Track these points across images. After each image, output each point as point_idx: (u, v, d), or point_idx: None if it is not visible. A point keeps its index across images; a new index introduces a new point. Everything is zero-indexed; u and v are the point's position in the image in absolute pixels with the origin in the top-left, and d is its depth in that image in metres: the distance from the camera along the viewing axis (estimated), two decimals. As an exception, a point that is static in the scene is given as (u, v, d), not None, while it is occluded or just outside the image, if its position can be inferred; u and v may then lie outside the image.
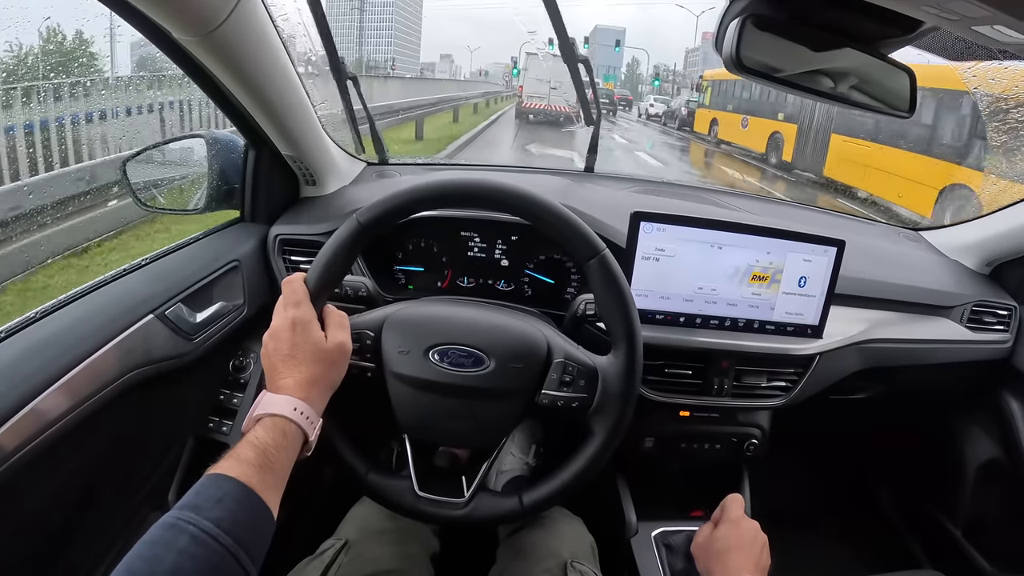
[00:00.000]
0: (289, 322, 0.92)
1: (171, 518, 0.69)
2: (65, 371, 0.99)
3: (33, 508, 0.99)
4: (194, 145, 1.51)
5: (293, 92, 1.29)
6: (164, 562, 0.64)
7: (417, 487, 1.05)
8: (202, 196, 1.47)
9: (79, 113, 5.12)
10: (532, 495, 1.05)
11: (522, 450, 1.56)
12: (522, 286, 1.48)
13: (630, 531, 1.42)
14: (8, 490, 0.88)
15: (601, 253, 0.99)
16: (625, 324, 1.00)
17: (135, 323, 1.13)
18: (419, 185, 1.01)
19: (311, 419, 0.86)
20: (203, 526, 0.68)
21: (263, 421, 0.83)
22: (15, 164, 4.08)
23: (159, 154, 1.51)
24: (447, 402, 1.02)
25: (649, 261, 1.27)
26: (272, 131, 1.36)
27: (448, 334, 1.03)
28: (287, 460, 0.83)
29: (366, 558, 1.13)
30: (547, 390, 1.02)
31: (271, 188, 1.52)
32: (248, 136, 1.42)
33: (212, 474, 0.75)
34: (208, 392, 1.40)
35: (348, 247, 1.00)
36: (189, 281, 1.27)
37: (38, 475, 0.94)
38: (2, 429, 0.87)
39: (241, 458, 0.77)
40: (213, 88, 1.23)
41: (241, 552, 0.69)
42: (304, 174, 1.54)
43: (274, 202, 1.54)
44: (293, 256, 1.46)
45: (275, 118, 1.31)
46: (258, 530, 0.74)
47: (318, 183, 1.57)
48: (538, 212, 1.00)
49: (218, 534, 0.68)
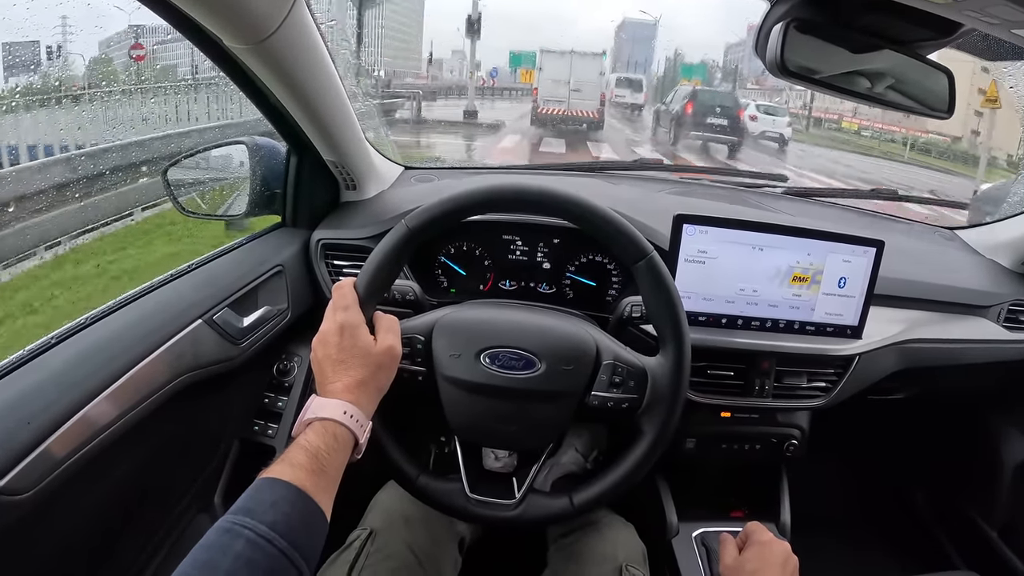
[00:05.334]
0: (337, 326, 0.93)
1: (226, 522, 0.70)
2: (116, 377, 1.00)
3: (84, 512, 1.01)
4: (234, 151, 1.53)
5: (337, 98, 1.30)
6: (221, 566, 0.65)
7: (468, 489, 1.06)
8: (244, 201, 1.49)
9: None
10: (582, 495, 1.05)
11: (585, 450, 1.57)
12: (564, 288, 1.49)
13: (671, 532, 1.42)
14: (59, 496, 0.89)
15: (649, 255, 1.00)
16: (674, 325, 1.01)
17: (184, 328, 1.15)
18: (469, 190, 1.01)
19: (361, 422, 0.87)
20: (259, 530, 0.69)
21: (314, 425, 0.84)
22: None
23: (201, 160, 1.53)
24: (498, 405, 1.03)
25: (692, 263, 1.28)
26: (316, 137, 1.37)
27: (499, 337, 1.03)
28: (339, 463, 0.83)
29: (393, 547, 1.14)
30: (597, 391, 1.02)
31: (313, 193, 1.53)
32: (291, 142, 1.43)
33: (266, 478, 0.76)
34: (253, 395, 1.42)
35: (397, 252, 1.01)
36: (235, 286, 1.29)
37: (88, 480, 0.95)
38: (53, 437, 0.88)
39: (294, 462, 0.78)
40: (258, 94, 1.24)
41: (296, 555, 0.70)
42: (345, 179, 1.55)
43: (315, 207, 1.55)
44: (336, 260, 1.47)
45: (319, 124, 1.32)
46: (312, 533, 0.75)
47: (358, 188, 1.58)
48: (587, 216, 1.01)
49: (273, 537, 0.69)
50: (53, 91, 4.36)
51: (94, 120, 4.29)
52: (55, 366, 0.98)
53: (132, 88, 5.92)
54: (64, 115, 4.22)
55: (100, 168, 3.54)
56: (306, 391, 1.42)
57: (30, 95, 4.09)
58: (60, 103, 4.39)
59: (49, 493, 0.87)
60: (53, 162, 3.41)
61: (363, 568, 1.10)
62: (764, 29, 0.90)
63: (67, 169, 3.41)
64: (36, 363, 0.98)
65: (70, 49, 5.10)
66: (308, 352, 1.41)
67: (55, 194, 3.14)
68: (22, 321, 3.19)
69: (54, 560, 0.98)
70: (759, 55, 0.93)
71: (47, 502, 0.87)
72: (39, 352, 1.00)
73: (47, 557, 0.96)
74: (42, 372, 0.97)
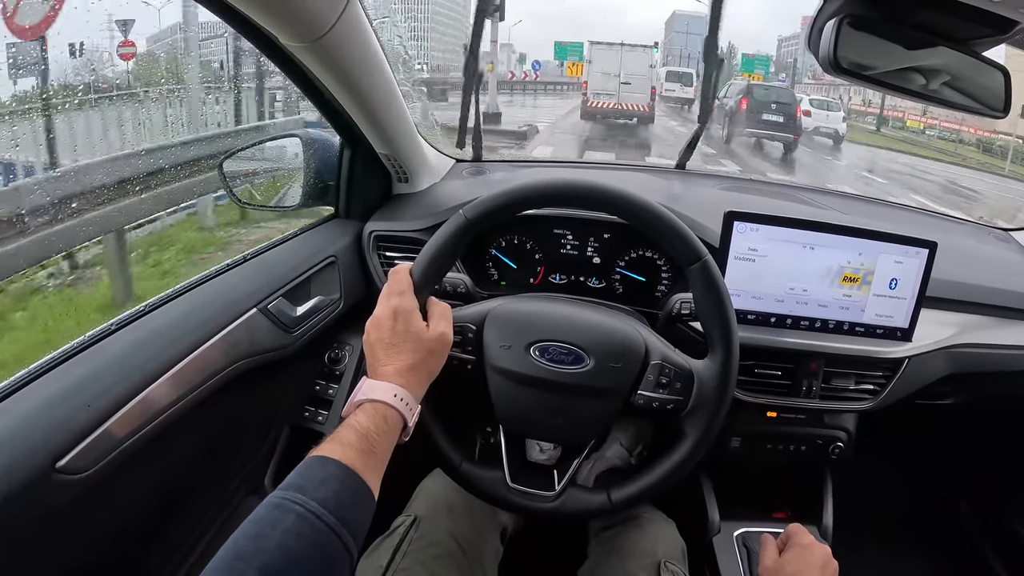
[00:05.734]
0: (391, 311, 0.94)
1: (276, 498, 0.71)
2: (174, 363, 1.03)
3: (139, 492, 1.05)
4: (288, 144, 1.56)
5: (390, 92, 1.32)
6: (270, 540, 0.66)
7: (509, 479, 1.07)
8: (297, 193, 1.51)
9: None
10: (621, 492, 1.06)
11: (629, 445, 1.57)
12: (613, 283, 1.49)
13: (712, 530, 1.42)
14: (116, 476, 0.91)
15: (703, 259, 1.00)
16: (723, 329, 1.01)
17: (240, 317, 1.18)
18: (527, 184, 1.02)
19: (410, 405, 0.88)
20: (309, 506, 0.70)
21: (364, 407, 0.85)
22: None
23: (255, 152, 1.57)
24: (545, 397, 1.03)
25: (742, 261, 1.28)
26: (369, 130, 1.39)
27: (549, 331, 1.04)
28: (387, 444, 0.84)
29: (436, 534, 1.15)
30: (643, 391, 1.02)
31: (365, 185, 1.56)
32: (344, 135, 1.46)
33: (316, 456, 0.77)
34: (304, 383, 1.45)
35: (454, 241, 1.01)
36: (289, 276, 1.31)
37: (144, 462, 0.98)
38: (112, 419, 0.91)
39: (344, 441, 0.79)
40: (312, 90, 1.27)
41: (344, 531, 0.71)
42: (397, 171, 1.57)
43: (368, 199, 1.57)
44: (388, 252, 1.49)
45: (372, 118, 1.35)
46: (360, 511, 0.76)
47: (410, 180, 1.60)
48: (643, 215, 1.01)
49: (323, 513, 0.70)
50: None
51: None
52: (115, 351, 1.01)
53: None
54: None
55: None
56: (356, 380, 1.44)
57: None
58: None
59: (106, 473, 0.90)
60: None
61: (406, 554, 1.12)
62: (817, 25, 0.90)
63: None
64: (96, 348, 1.02)
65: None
66: (359, 341, 1.44)
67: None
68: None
69: (109, 537, 1.01)
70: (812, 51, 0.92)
71: (104, 482, 0.90)
72: (100, 338, 1.04)
73: (103, 534, 1.00)
74: (102, 357, 1.00)
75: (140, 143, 4.14)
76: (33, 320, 2.90)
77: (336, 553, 0.70)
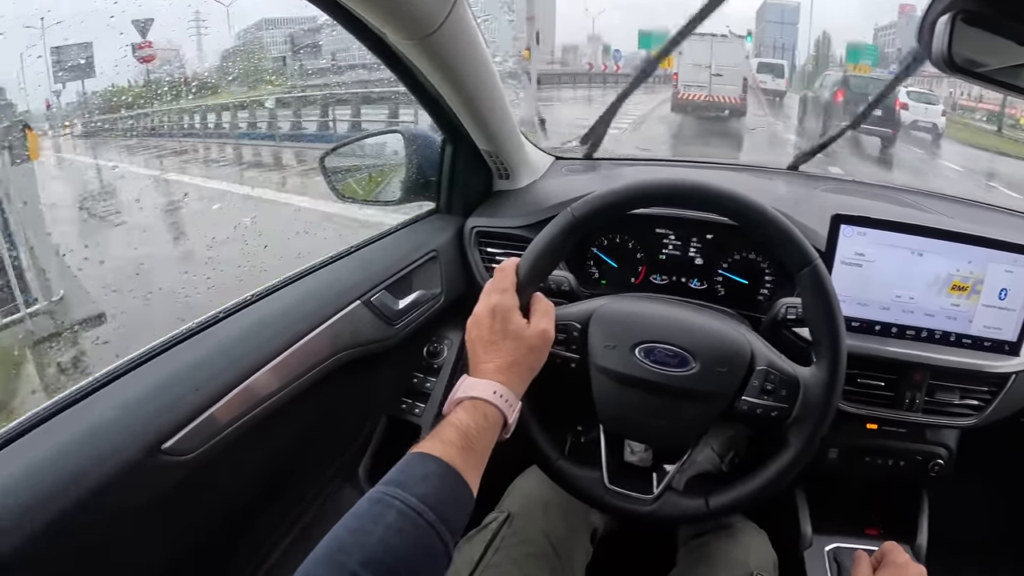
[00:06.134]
0: (490, 308, 0.95)
1: (378, 493, 0.73)
2: (279, 352, 1.07)
3: (238, 475, 1.09)
4: (389, 140, 1.59)
5: (495, 89, 1.33)
6: (372, 535, 0.68)
7: (608, 479, 1.07)
8: (397, 188, 1.55)
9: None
10: (719, 499, 1.05)
11: (721, 450, 1.55)
12: (715, 285, 1.46)
13: (804, 544, 1.39)
14: (218, 459, 0.95)
15: (814, 263, 0.98)
16: (832, 336, 0.99)
17: (344, 308, 1.21)
18: (638, 183, 1.02)
19: (511, 402, 0.88)
20: (409, 502, 0.71)
21: (464, 404, 0.86)
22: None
23: (356, 148, 1.61)
24: (648, 399, 1.03)
25: (848, 266, 1.24)
26: (472, 126, 1.41)
27: (655, 332, 1.04)
28: (488, 442, 0.85)
29: (529, 532, 1.16)
30: (748, 396, 1.01)
31: (467, 181, 1.58)
32: (447, 131, 1.48)
33: (417, 452, 0.79)
34: (403, 375, 1.48)
35: (561, 240, 1.02)
36: (392, 270, 1.34)
37: (246, 446, 1.01)
38: (218, 404, 0.95)
39: (444, 439, 0.80)
40: (416, 86, 1.30)
41: (444, 528, 0.72)
42: (499, 168, 1.58)
43: (469, 195, 1.59)
44: (489, 248, 1.51)
45: (477, 114, 1.36)
46: (459, 509, 0.77)
47: (512, 177, 1.61)
48: (755, 217, 0.99)
49: (423, 510, 0.71)
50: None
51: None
52: (222, 339, 1.06)
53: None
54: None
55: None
56: (455, 374, 1.47)
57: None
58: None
59: (209, 456, 0.94)
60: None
61: (498, 550, 1.13)
62: (928, 21, 0.87)
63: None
64: (205, 335, 1.06)
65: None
66: (459, 336, 1.46)
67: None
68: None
69: (208, 518, 1.05)
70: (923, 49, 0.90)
71: (208, 464, 0.94)
72: (208, 325, 1.09)
73: (203, 515, 1.04)
74: (211, 343, 1.05)
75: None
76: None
77: (435, 550, 0.72)
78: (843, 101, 15.27)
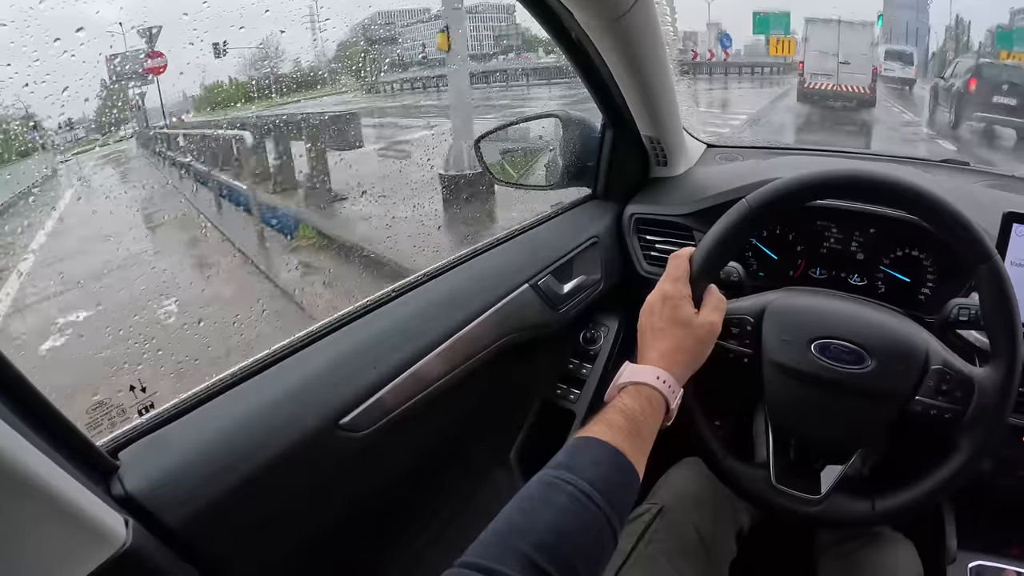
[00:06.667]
0: (661, 296, 0.95)
1: (548, 476, 0.73)
2: (452, 332, 1.08)
3: (403, 455, 1.10)
4: (546, 124, 1.58)
5: (667, 75, 1.32)
6: (543, 517, 0.68)
7: (774, 478, 1.05)
8: (553, 172, 1.55)
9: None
10: (886, 503, 1.02)
11: (863, 454, 1.50)
12: (875, 282, 1.41)
13: (948, 558, 1.33)
14: (385, 438, 0.97)
15: (993, 259, 0.93)
16: (1009, 336, 0.94)
17: (513, 291, 1.22)
18: (816, 174, 0.99)
19: (673, 388, 0.88)
20: (580, 486, 0.71)
21: (628, 389, 0.86)
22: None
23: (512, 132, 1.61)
24: (822, 396, 1.01)
25: (1020, 268, 1.16)
26: (640, 112, 1.39)
27: (831, 328, 1.01)
28: (653, 427, 0.85)
29: (681, 526, 1.15)
30: (922, 396, 0.98)
31: (625, 167, 1.56)
32: (610, 116, 1.46)
33: (584, 437, 0.79)
34: (559, 360, 1.47)
35: (736, 230, 1.00)
36: (555, 254, 1.34)
37: (413, 425, 1.03)
38: (394, 382, 0.97)
39: (612, 424, 0.80)
40: (588, 68, 1.29)
41: (613, 513, 0.72)
42: (658, 154, 1.56)
43: (627, 181, 1.57)
44: (648, 235, 1.49)
45: (646, 99, 1.35)
46: (627, 494, 0.77)
47: (669, 164, 1.58)
48: (935, 208, 0.95)
49: (593, 495, 0.71)
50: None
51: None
52: (397, 318, 1.07)
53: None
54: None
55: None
56: (610, 361, 1.45)
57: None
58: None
59: (381, 434, 0.96)
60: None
61: (650, 542, 1.12)
62: None
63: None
64: (378, 314, 1.08)
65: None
66: (615, 323, 1.45)
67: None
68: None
69: (375, 493, 1.07)
70: None
71: (378, 442, 0.95)
72: (382, 303, 1.10)
73: (370, 490, 1.05)
74: (385, 322, 1.06)
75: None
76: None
77: (605, 534, 0.72)
78: (975, 89, 14.30)
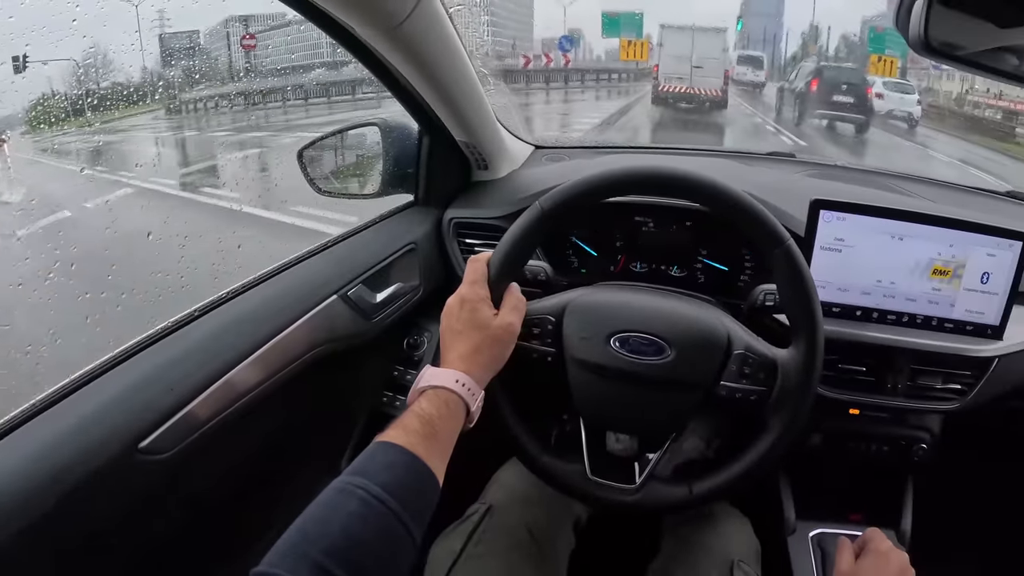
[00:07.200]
0: (459, 300, 0.96)
1: (341, 483, 0.74)
2: (255, 348, 1.07)
3: (217, 473, 1.08)
4: (367, 132, 1.58)
5: (468, 80, 1.32)
6: (334, 524, 0.68)
7: (590, 471, 1.06)
8: (376, 181, 1.54)
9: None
10: (702, 485, 1.04)
11: (706, 437, 1.54)
12: (695, 272, 1.45)
13: (788, 529, 1.39)
14: (196, 457, 0.96)
15: (786, 244, 0.97)
16: (808, 317, 0.98)
17: (320, 303, 1.21)
18: (605, 172, 1.01)
19: (472, 391, 0.89)
20: (372, 491, 0.72)
21: (426, 393, 0.87)
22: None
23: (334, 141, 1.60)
24: (626, 389, 1.02)
25: (828, 251, 1.24)
26: (448, 118, 1.39)
27: (629, 321, 1.03)
28: (451, 430, 0.86)
29: (510, 524, 1.17)
30: (726, 381, 1.01)
31: (445, 173, 1.56)
32: (422, 123, 1.46)
33: (380, 442, 0.79)
34: (383, 368, 1.47)
35: (530, 233, 1.01)
36: (369, 263, 1.34)
37: (223, 444, 1.02)
38: (196, 401, 0.96)
39: (408, 427, 0.81)
40: (389, 78, 1.28)
41: (407, 515, 0.72)
42: (476, 159, 1.57)
43: (447, 186, 1.58)
44: (468, 239, 1.50)
45: (451, 105, 1.35)
46: (424, 496, 0.78)
47: (490, 167, 1.60)
48: (724, 200, 0.98)
49: (386, 498, 0.71)
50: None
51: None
52: (198, 337, 1.06)
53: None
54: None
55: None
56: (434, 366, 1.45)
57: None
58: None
59: (187, 454, 0.94)
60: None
61: (479, 542, 1.13)
62: (905, 4, 0.87)
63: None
64: (179, 335, 1.06)
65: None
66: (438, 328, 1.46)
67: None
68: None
69: (188, 515, 1.05)
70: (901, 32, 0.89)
71: (185, 461, 0.94)
72: (183, 324, 1.08)
73: (182, 512, 1.04)
74: (186, 343, 1.04)
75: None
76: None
77: (398, 536, 0.72)
78: (817, 89, 15.57)
